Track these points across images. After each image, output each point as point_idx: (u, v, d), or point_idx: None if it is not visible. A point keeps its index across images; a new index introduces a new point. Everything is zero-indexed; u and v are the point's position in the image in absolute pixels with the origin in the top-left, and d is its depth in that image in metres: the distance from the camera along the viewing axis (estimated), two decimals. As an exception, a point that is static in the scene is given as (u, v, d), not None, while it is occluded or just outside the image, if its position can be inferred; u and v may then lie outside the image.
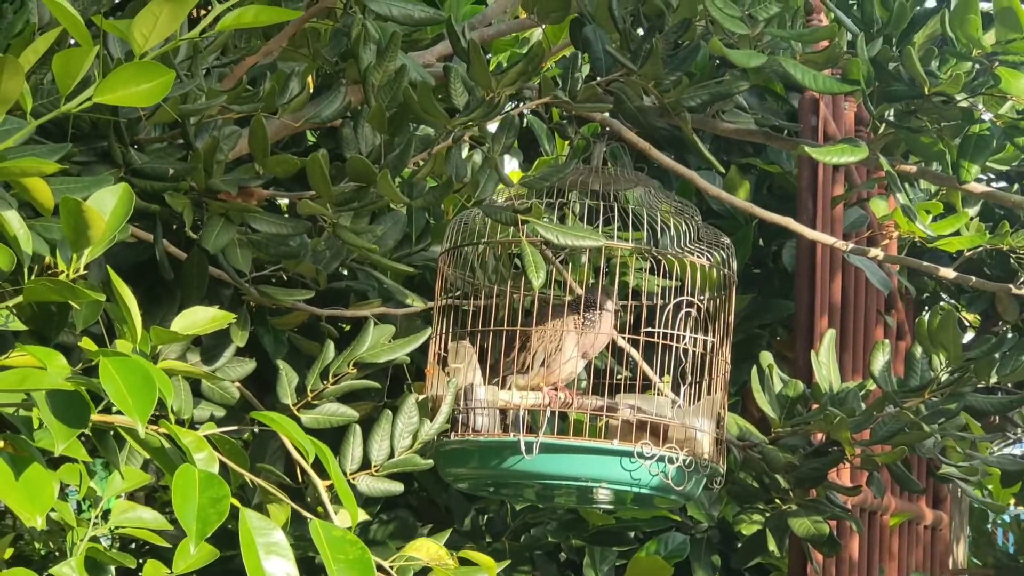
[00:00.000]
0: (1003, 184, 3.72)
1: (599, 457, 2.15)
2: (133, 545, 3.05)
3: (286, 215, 2.56)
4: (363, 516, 2.10)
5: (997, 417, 4.10)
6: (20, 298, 1.60)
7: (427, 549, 1.84)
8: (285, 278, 2.66)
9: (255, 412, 1.66)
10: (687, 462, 2.17)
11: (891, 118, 2.34)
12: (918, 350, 2.55)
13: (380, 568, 1.76)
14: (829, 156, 2.26)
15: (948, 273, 2.46)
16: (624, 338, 2.28)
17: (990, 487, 4.60)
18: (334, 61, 2.40)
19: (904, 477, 2.77)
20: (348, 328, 2.86)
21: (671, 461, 2.15)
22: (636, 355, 2.35)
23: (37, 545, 2.21)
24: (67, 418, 1.52)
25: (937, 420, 2.54)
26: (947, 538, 4.01)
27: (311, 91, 2.41)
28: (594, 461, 2.15)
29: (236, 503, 1.54)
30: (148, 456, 1.65)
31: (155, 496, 3.10)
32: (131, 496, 2.94)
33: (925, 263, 2.56)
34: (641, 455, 2.14)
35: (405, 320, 2.61)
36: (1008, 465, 2.92)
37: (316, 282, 2.47)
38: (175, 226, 2.45)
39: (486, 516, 3.29)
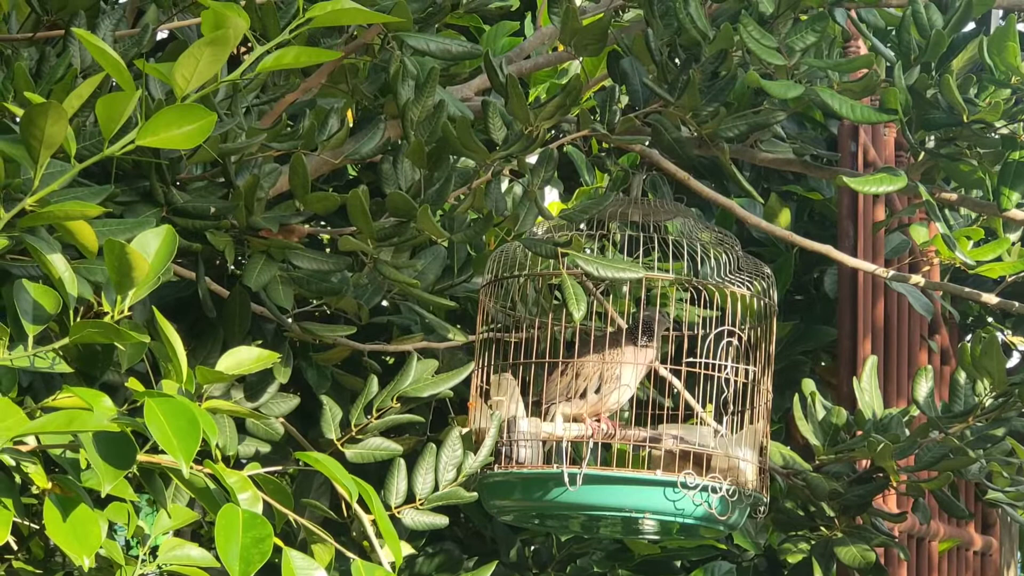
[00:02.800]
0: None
1: (642, 488, 2.15)
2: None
3: (328, 251, 2.57)
4: (409, 550, 2.10)
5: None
6: (66, 340, 1.61)
7: (472, 587, 1.84)
8: (328, 313, 2.68)
9: (300, 452, 1.67)
10: (731, 492, 2.16)
11: (930, 145, 2.33)
12: (962, 375, 2.54)
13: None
14: (868, 186, 2.26)
15: (991, 299, 2.46)
16: (666, 368, 2.29)
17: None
18: (372, 96, 2.42)
19: (950, 503, 2.76)
20: (391, 362, 2.86)
21: (715, 491, 2.15)
22: (679, 385, 2.35)
23: (86, 583, 2.22)
24: (113, 459, 1.53)
25: (982, 446, 2.53)
26: (997, 564, 3.98)
27: (350, 126, 2.43)
28: (638, 492, 2.15)
29: (279, 542, 1.55)
30: (193, 495, 1.66)
31: (200, 532, 3.11)
32: (177, 532, 2.96)
33: (967, 289, 2.56)
34: (685, 485, 2.14)
35: (448, 353, 2.62)
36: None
37: (358, 317, 2.48)
38: (217, 261, 2.47)
39: (532, 547, 3.28)
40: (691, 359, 2.22)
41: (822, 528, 2.67)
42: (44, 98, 1.61)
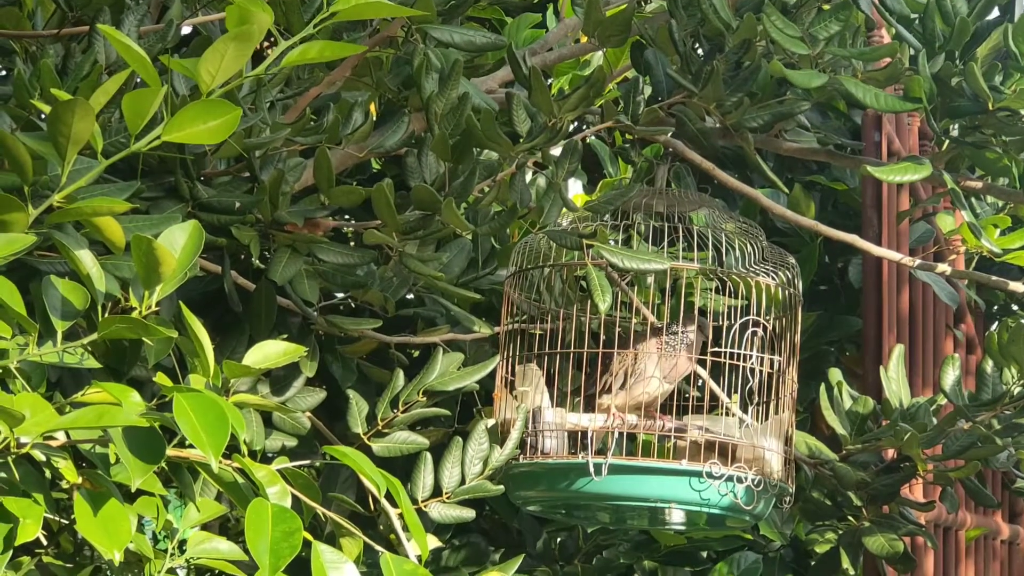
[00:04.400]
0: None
1: (668, 477, 2.15)
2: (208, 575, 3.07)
3: (352, 244, 2.58)
4: (435, 543, 2.11)
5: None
6: (95, 336, 1.62)
7: (497, 582, 1.85)
8: (353, 306, 2.68)
9: (328, 447, 1.68)
10: (756, 482, 2.16)
11: (954, 133, 2.33)
12: (989, 364, 2.53)
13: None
14: (892, 175, 2.26)
15: (1017, 287, 2.45)
16: (692, 358, 2.29)
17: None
18: (397, 89, 2.42)
19: (978, 491, 2.75)
20: (417, 355, 2.87)
21: (740, 481, 2.15)
22: (704, 375, 2.35)
23: (115, 577, 2.23)
24: (143, 453, 1.54)
25: (1010, 434, 2.52)
26: (1024, 552, 3.97)
27: (374, 119, 2.43)
28: (663, 481, 2.15)
29: (308, 536, 1.55)
30: (222, 490, 1.67)
31: (228, 526, 3.12)
32: (205, 526, 2.97)
33: (994, 277, 2.55)
34: (710, 475, 2.14)
35: (474, 346, 2.62)
36: (1084, 478, 2.89)
37: (384, 310, 2.49)
38: (243, 256, 2.48)
39: (558, 539, 3.29)
40: (716, 349, 2.22)
41: (849, 518, 2.67)
42: (70, 95, 1.61)
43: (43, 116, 1.80)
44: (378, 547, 1.65)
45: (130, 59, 1.56)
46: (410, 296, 2.77)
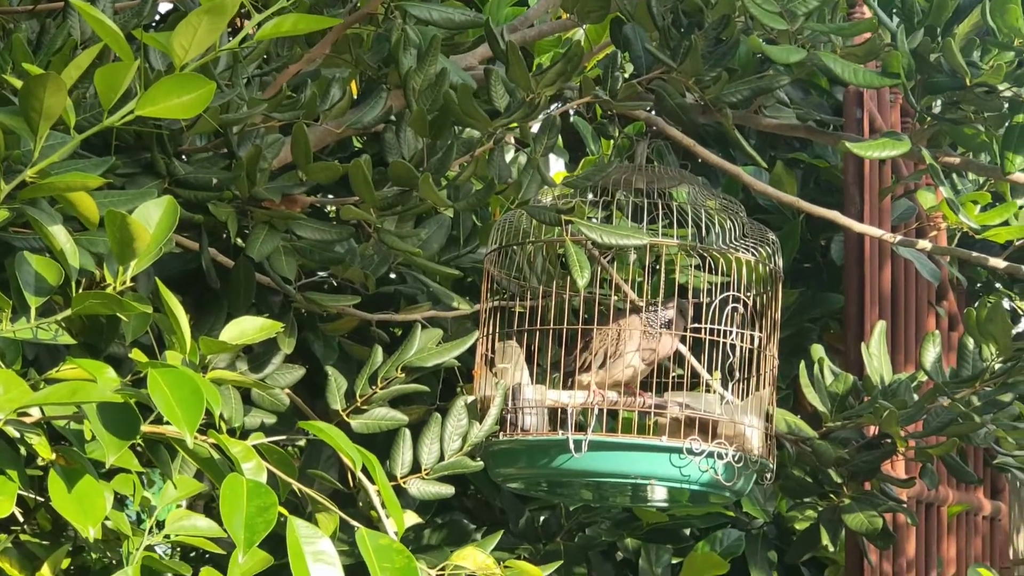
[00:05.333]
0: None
1: (648, 454, 2.15)
2: (193, 554, 3.07)
3: (334, 221, 2.57)
4: (414, 520, 2.11)
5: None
6: (69, 311, 1.61)
7: (473, 558, 1.84)
8: (335, 284, 2.67)
9: (303, 422, 1.67)
10: (736, 458, 2.16)
11: (936, 110, 2.33)
12: (969, 341, 2.53)
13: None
14: (871, 151, 2.26)
15: (998, 263, 2.45)
16: (674, 338, 2.28)
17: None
18: (376, 66, 2.41)
19: (958, 468, 2.75)
20: (399, 332, 2.86)
21: (720, 457, 2.16)
22: (685, 351, 2.35)
23: (94, 556, 2.23)
24: (117, 430, 1.53)
25: (990, 411, 2.52)
26: (1006, 528, 3.99)
27: (355, 97, 2.42)
28: (643, 458, 2.15)
29: (284, 511, 1.55)
30: (198, 465, 1.67)
31: (212, 506, 3.12)
32: (190, 506, 2.97)
33: (975, 253, 2.55)
34: (690, 451, 2.14)
35: (455, 323, 2.62)
36: (1063, 454, 2.90)
37: (365, 287, 2.48)
38: (224, 235, 2.47)
39: (541, 517, 3.29)
40: (696, 325, 2.22)
41: (830, 495, 2.67)
42: (43, 69, 1.61)
43: (16, 91, 1.79)
44: (355, 523, 1.65)
45: (103, 33, 1.55)
46: (392, 275, 2.77)
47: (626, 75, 2.34)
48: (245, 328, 1.74)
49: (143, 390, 1.53)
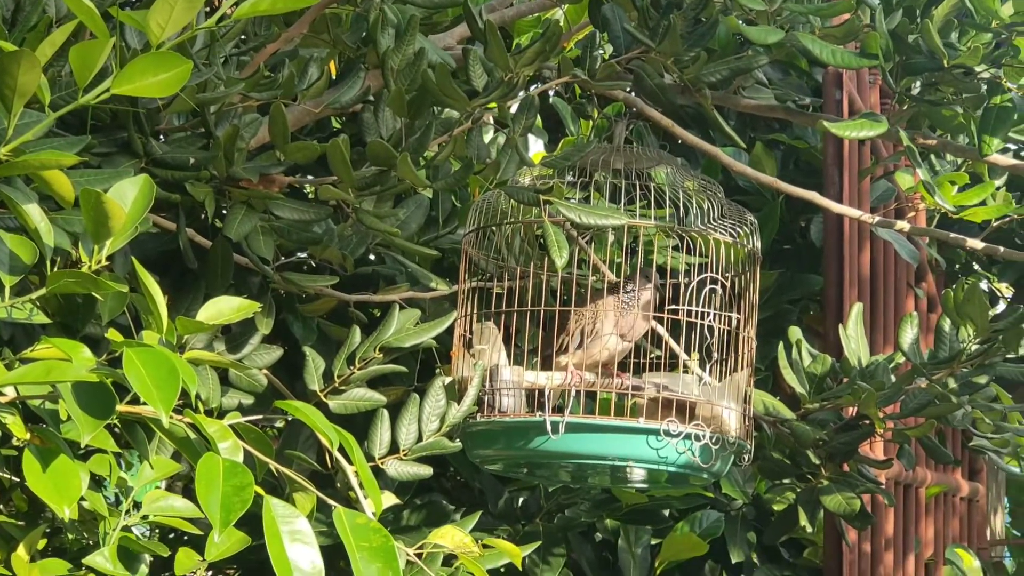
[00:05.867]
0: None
1: (625, 436, 2.15)
2: (172, 535, 3.07)
3: (314, 201, 2.57)
4: (392, 500, 2.11)
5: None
6: (44, 290, 1.61)
7: (452, 537, 1.84)
8: (314, 265, 2.67)
9: (280, 402, 1.67)
10: (714, 439, 2.16)
11: (917, 92, 2.33)
12: (947, 322, 2.54)
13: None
14: (849, 131, 2.26)
15: (975, 244, 2.45)
16: (650, 316, 2.28)
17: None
18: (355, 46, 2.41)
19: (935, 449, 2.76)
20: (378, 313, 2.86)
21: (697, 439, 2.15)
22: (663, 333, 2.35)
23: (70, 536, 2.23)
24: (92, 409, 1.52)
25: (967, 392, 2.53)
26: (984, 509, 4.00)
27: (333, 77, 2.41)
28: (621, 440, 2.15)
29: (260, 491, 1.55)
30: (174, 444, 1.66)
31: (191, 487, 3.12)
32: (169, 487, 2.96)
33: (952, 234, 2.55)
34: (668, 433, 2.14)
35: (433, 304, 2.62)
36: (1039, 437, 2.91)
37: (343, 268, 2.48)
38: (203, 215, 2.46)
39: (520, 499, 3.29)
40: (674, 307, 2.22)
41: (808, 476, 2.68)
42: (17, 47, 1.59)
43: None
44: (332, 502, 1.64)
45: (78, 11, 1.54)
46: (371, 256, 2.77)
47: (605, 55, 2.34)
48: (222, 308, 1.73)
49: (119, 370, 1.52)
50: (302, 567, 1.49)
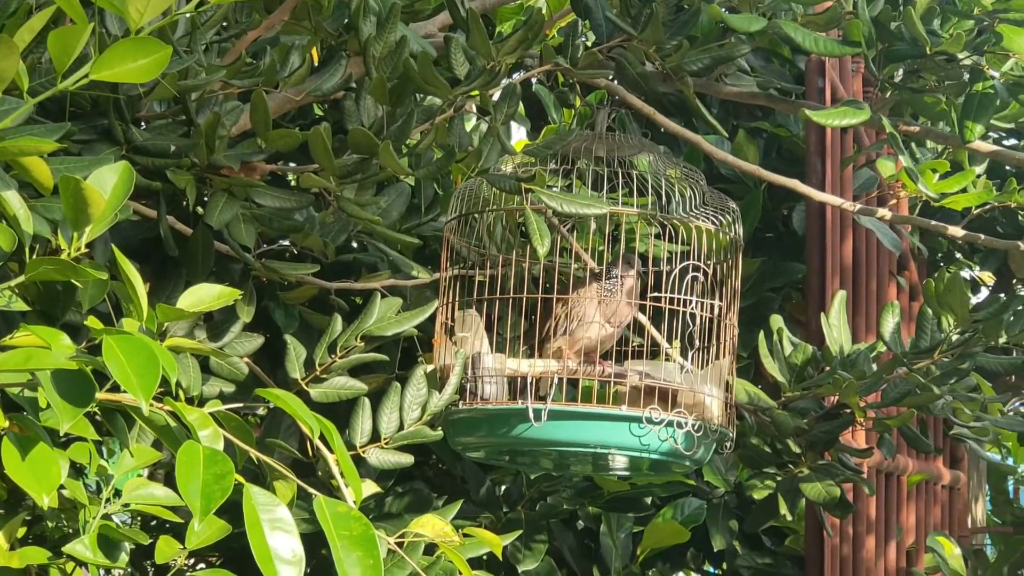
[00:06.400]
0: (1013, 142, 3.70)
1: (608, 423, 2.15)
2: (154, 523, 3.06)
3: (295, 189, 2.56)
4: (373, 488, 2.10)
5: (1013, 378, 4.09)
6: (23, 277, 1.60)
7: (432, 526, 1.84)
8: (295, 253, 2.66)
9: (260, 390, 1.66)
10: (696, 427, 2.17)
11: (898, 80, 2.33)
12: (928, 311, 2.54)
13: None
14: (831, 119, 2.26)
15: (956, 231, 2.46)
16: (633, 303, 2.28)
17: (1008, 444, 4.60)
18: (336, 33, 2.40)
19: (916, 438, 2.77)
20: (360, 301, 2.85)
21: (680, 426, 2.16)
22: (645, 321, 2.35)
23: (50, 524, 2.22)
24: (72, 397, 1.52)
25: (948, 381, 2.53)
26: (965, 497, 4.01)
27: (315, 64, 2.40)
28: (603, 427, 2.15)
29: (240, 479, 1.54)
30: (154, 432, 1.66)
31: (173, 475, 3.11)
32: (152, 475, 2.96)
33: (933, 222, 2.55)
34: (650, 420, 2.14)
35: (415, 292, 2.61)
36: (1018, 427, 2.91)
37: (325, 255, 2.47)
38: (184, 203, 2.46)
39: (502, 486, 3.29)
40: (656, 294, 2.22)
41: (789, 464, 2.68)
42: (-4, 33, 1.59)
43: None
44: (313, 491, 1.64)
45: (57, -4, 1.54)
46: (353, 244, 2.76)
47: (588, 43, 2.33)
48: (202, 295, 1.73)
49: (98, 357, 1.52)
50: (282, 555, 1.49)
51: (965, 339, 2.48)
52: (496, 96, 2.25)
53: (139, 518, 3.06)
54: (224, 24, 2.25)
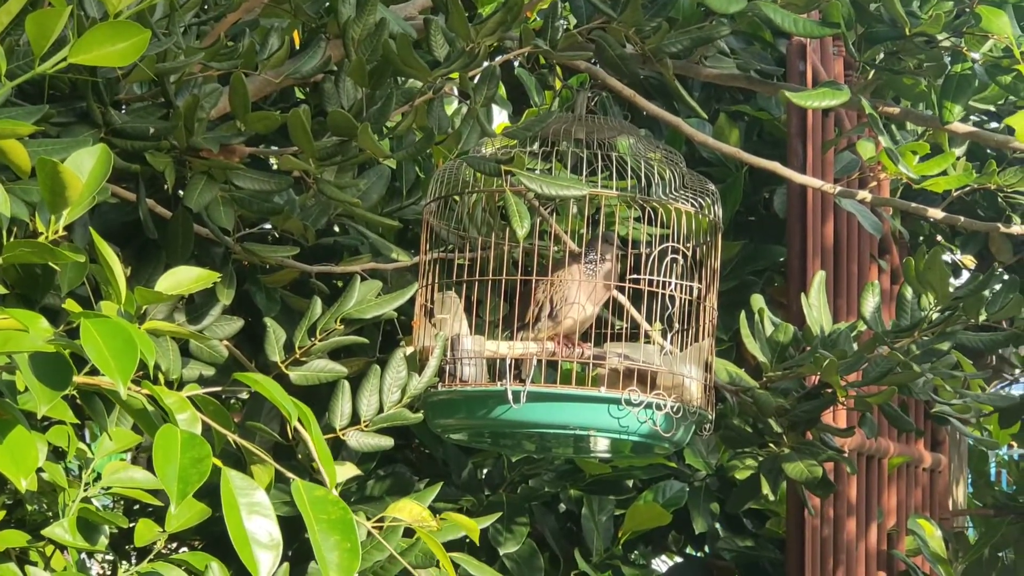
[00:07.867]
0: (993, 124, 3.71)
1: (587, 405, 2.15)
2: (136, 507, 3.06)
3: (275, 171, 2.56)
4: (353, 472, 2.10)
5: (994, 358, 4.10)
6: (0, 261, 1.59)
7: (410, 510, 1.84)
8: (277, 236, 2.66)
9: (239, 374, 1.66)
10: (675, 408, 2.17)
11: (878, 62, 2.33)
12: (908, 291, 2.55)
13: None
14: (810, 100, 2.26)
15: (936, 213, 2.46)
16: (612, 286, 2.28)
17: (990, 427, 4.61)
18: (316, 16, 2.39)
19: (897, 417, 2.77)
20: (341, 284, 2.85)
21: (659, 408, 2.16)
22: (625, 302, 2.35)
23: (30, 507, 2.21)
24: (49, 380, 1.52)
25: (928, 360, 2.54)
26: (946, 480, 4.02)
27: (296, 47, 2.40)
28: (582, 409, 2.15)
29: (218, 463, 1.54)
30: (131, 416, 1.66)
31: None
32: (134, 459, 2.95)
33: (913, 204, 2.56)
34: (629, 402, 2.14)
35: (396, 275, 2.61)
36: (998, 402, 2.92)
37: (305, 239, 2.47)
38: (163, 186, 2.45)
39: (484, 470, 3.29)
40: (635, 276, 2.22)
41: (770, 444, 2.68)
42: (-28, 15, 1.58)
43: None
44: (291, 475, 1.64)
45: (33, -21, 1.53)
46: (335, 227, 2.76)
47: (569, 26, 2.33)
48: (181, 278, 1.72)
49: (77, 340, 1.52)
50: (260, 539, 1.49)
51: (945, 317, 2.49)
52: (476, 78, 2.25)
53: (122, 502, 3.06)
54: (204, 6, 2.24)
